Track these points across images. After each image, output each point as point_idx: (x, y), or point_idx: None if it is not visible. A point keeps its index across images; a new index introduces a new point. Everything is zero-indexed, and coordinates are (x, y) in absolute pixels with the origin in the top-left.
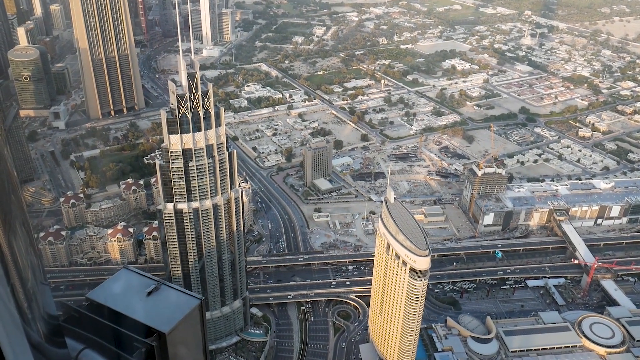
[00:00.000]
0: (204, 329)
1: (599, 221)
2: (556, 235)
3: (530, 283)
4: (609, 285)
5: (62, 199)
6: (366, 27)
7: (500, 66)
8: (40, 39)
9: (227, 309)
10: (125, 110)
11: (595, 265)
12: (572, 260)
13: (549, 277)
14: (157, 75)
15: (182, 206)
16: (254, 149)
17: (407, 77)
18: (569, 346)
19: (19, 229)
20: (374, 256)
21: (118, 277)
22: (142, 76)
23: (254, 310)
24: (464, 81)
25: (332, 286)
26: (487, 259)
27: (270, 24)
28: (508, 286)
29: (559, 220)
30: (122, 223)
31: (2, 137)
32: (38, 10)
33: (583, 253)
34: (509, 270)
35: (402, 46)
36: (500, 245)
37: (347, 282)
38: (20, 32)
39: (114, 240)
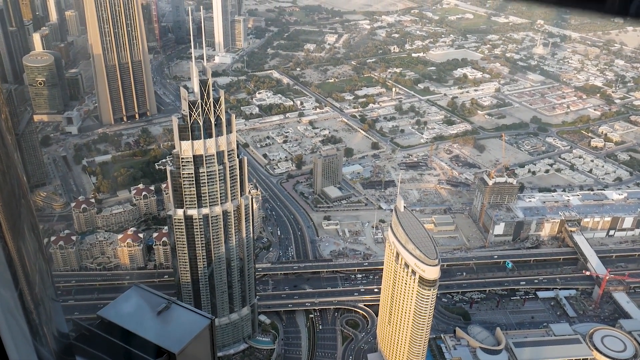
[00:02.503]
0: (214, 349)
1: (611, 232)
2: (567, 246)
3: (541, 294)
4: (621, 297)
5: (73, 204)
6: (378, 35)
7: (512, 75)
8: (55, 44)
9: (235, 315)
10: (137, 116)
11: (607, 277)
12: (583, 271)
13: (559, 289)
14: (169, 82)
15: (192, 212)
16: (265, 156)
17: (419, 85)
18: (579, 359)
19: (28, 233)
20: (383, 265)
21: (129, 295)
22: (155, 82)
23: (262, 317)
24: (476, 90)
25: (340, 294)
26: (497, 269)
27: (283, 31)
28: (518, 297)
29: (571, 231)
30: (132, 228)
31: (13, 143)
32: (54, 16)
33: (595, 264)
34: (519, 281)
35: (413, 54)
36: (510, 256)
37: (356, 291)
38: (36, 37)
39: (124, 246)
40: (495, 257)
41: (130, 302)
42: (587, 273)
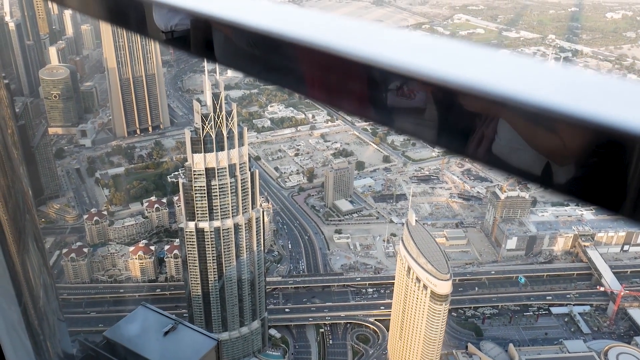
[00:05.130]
0: None
1: (626, 247)
2: (581, 261)
3: (554, 310)
4: (637, 314)
5: (85, 216)
6: None
7: None
8: (71, 58)
9: (245, 329)
10: (150, 128)
11: (622, 293)
12: (597, 287)
13: (573, 304)
14: (182, 95)
15: (204, 225)
16: (276, 169)
17: None
18: None
19: (33, 247)
20: (394, 279)
21: (135, 314)
22: (168, 95)
23: (273, 331)
24: None
25: (351, 309)
26: (510, 284)
27: None
28: (531, 313)
29: (584, 245)
30: (143, 241)
31: (19, 157)
32: (70, 30)
33: (609, 280)
34: (532, 297)
35: None
36: (523, 271)
37: (367, 305)
38: (52, 51)
39: (135, 258)
40: (508, 271)
41: (136, 322)
42: (602, 289)
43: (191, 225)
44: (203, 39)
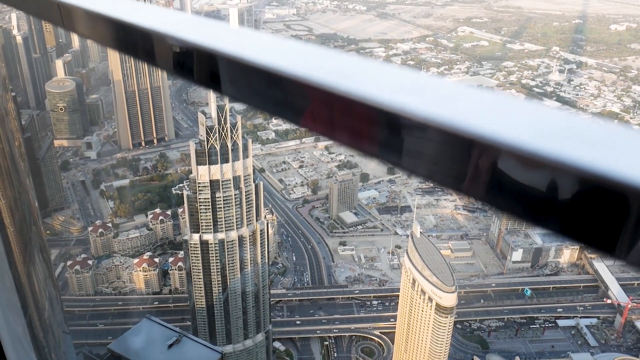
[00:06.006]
0: None
1: None
2: (587, 273)
3: (561, 323)
4: None
5: (90, 228)
6: (393, 62)
7: None
8: (77, 71)
9: (249, 342)
10: (155, 141)
11: (629, 306)
12: (604, 299)
13: (580, 317)
14: (187, 107)
15: (208, 237)
16: (281, 180)
17: None
18: None
19: (38, 259)
20: (399, 291)
21: (140, 327)
22: (173, 108)
23: (277, 344)
24: None
25: (356, 321)
26: (516, 296)
27: None
28: (537, 325)
29: (590, 257)
30: (148, 253)
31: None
32: (76, 43)
33: (616, 292)
34: (538, 309)
35: None
36: (529, 283)
37: (372, 318)
38: (59, 64)
39: (140, 270)
40: (513, 284)
41: (141, 335)
42: (608, 301)
43: (195, 237)
44: (207, 71)
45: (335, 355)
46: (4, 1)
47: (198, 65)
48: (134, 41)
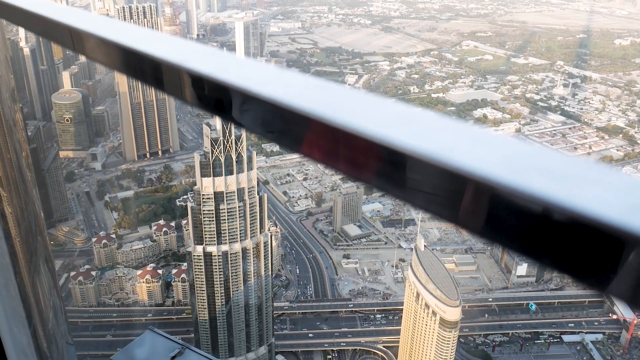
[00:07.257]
0: None
1: None
2: None
3: (566, 338)
4: None
5: (94, 239)
6: (397, 75)
7: (532, 115)
8: (84, 82)
9: (252, 355)
10: (160, 152)
11: (635, 321)
12: (610, 315)
13: (585, 332)
14: (192, 119)
15: (212, 249)
16: (285, 193)
17: None
18: None
19: (44, 269)
20: (403, 305)
21: (142, 339)
22: (178, 120)
23: (280, 357)
24: (496, 130)
25: (359, 335)
26: (520, 311)
27: (304, 72)
28: (542, 340)
29: None
30: (151, 264)
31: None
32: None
33: (622, 308)
34: (543, 324)
35: (433, 95)
36: (534, 297)
37: (375, 332)
38: (65, 76)
39: (143, 282)
40: (518, 298)
41: (143, 347)
42: (614, 316)
43: (199, 249)
44: (212, 98)
45: None
46: (18, 23)
47: (203, 93)
48: (142, 68)
